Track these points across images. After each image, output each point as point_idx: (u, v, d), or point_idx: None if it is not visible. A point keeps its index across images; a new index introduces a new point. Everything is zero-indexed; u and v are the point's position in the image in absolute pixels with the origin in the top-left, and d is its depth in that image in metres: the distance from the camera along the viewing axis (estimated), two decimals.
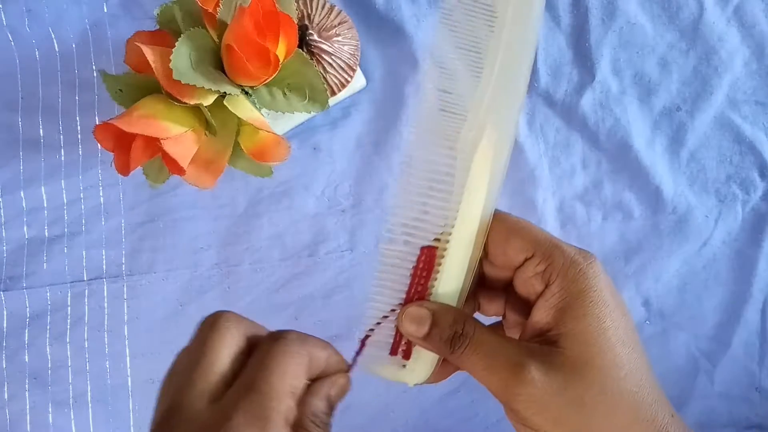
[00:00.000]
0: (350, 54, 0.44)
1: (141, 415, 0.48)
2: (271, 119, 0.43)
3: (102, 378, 0.48)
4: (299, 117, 0.46)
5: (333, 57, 0.43)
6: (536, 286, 0.26)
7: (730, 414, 0.50)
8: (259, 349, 0.23)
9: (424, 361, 0.28)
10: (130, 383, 0.48)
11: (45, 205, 0.48)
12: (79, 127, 0.48)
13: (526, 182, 0.50)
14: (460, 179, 0.27)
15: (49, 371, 0.48)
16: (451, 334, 0.25)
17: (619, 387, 0.23)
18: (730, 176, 0.50)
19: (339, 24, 0.43)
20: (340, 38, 0.43)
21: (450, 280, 0.27)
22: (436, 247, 0.27)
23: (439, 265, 0.27)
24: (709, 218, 0.50)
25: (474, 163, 0.26)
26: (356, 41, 0.45)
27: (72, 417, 0.48)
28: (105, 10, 0.49)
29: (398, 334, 0.28)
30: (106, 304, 0.48)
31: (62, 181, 0.48)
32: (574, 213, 0.50)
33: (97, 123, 0.48)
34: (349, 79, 0.45)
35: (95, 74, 0.48)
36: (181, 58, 0.35)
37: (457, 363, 0.26)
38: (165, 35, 0.38)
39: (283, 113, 0.40)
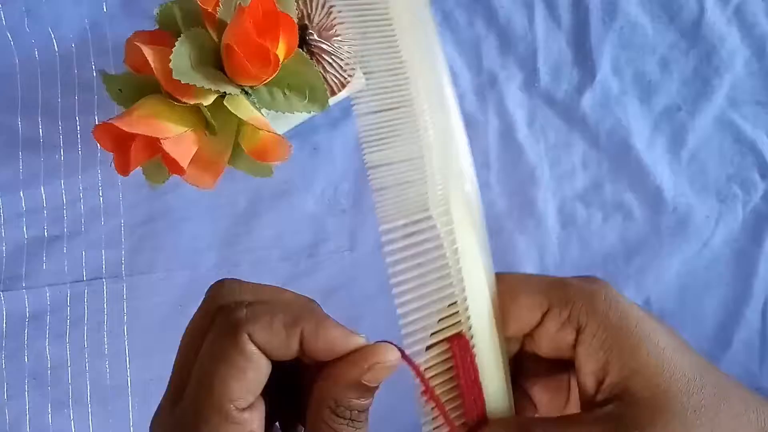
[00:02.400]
0: (350, 54, 0.44)
1: (141, 415, 0.48)
2: (271, 119, 0.43)
3: (102, 378, 0.48)
4: (299, 117, 0.46)
5: (333, 57, 0.43)
6: (567, 337, 0.21)
7: None
8: (203, 349, 0.21)
9: None
10: (129, 384, 0.48)
11: (44, 205, 0.48)
12: (78, 127, 0.48)
13: (526, 182, 0.50)
14: (449, 245, 0.23)
15: (49, 371, 0.48)
16: None
17: (708, 401, 0.20)
18: (730, 176, 0.50)
19: (339, 24, 0.43)
20: (340, 38, 0.43)
21: (492, 372, 0.23)
22: (461, 332, 0.23)
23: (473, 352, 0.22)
24: (710, 218, 0.50)
25: (455, 219, 0.23)
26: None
27: (71, 417, 0.48)
28: (104, 10, 0.49)
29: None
30: (105, 305, 0.48)
31: (62, 181, 0.48)
32: (575, 213, 0.50)
33: (97, 123, 0.48)
34: (349, 78, 0.45)
35: (95, 74, 0.48)
36: (181, 57, 0.35)
37: None
38: (165, 35, 0.38)
39: (283, 113, 0.40)
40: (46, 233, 0.48)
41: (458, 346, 0.22)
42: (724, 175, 0.50)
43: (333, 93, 0.44)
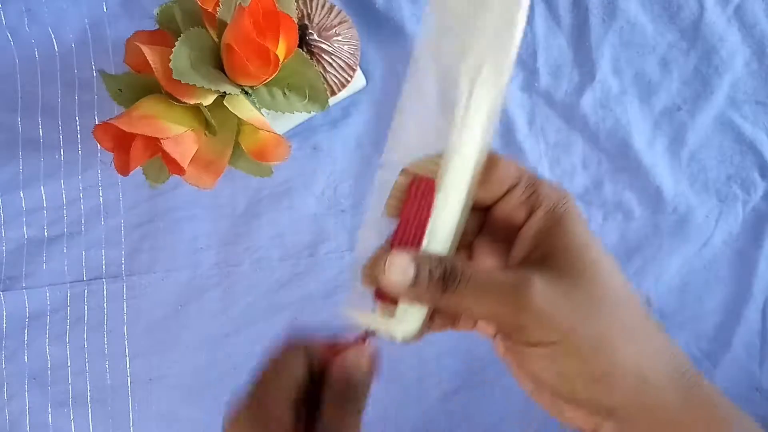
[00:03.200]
0: (350, 54, 0.44)
1: (140, 415, 0.48)
2: (270, 119, 0.43)
3: (101, 378, 0.48)
4: (299, 117, 0.46)
5: (333, 57, 0.43)
6: (520, 214, 0.25)
7: None
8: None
9: (413, 308, 0.25)
10: (129, 383, 0.48)
11: (44, 205, 0.48)
12: (78, 127, 0.48)
13: None
14: (461, 105, 0.25)
15: (49, 371, 0.48)
16: (441, 274, 0.23)
17: (623, 287, 0.23)
18: (730, 176, 0.50)
19: (339, 24, 0.43)
20: (339, 38, 0.43)
21: (445, 218, 0.25)
22: (433, 179, 0.25)
23: (433, 198, 0.24)
24: (710, 218, 0.50)
25: (476, 87, 0.24)
26: (356, 41, 0.45)
27: (71, 417, 0.48)
28: (105, 10, 0.49)
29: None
30: (105, 304, 0.48)
31: (62, 181, 0.48)
32: None
33: (97, 123, 0.48)
34: (348, 78, 0.45)
35: (95, 74, 0.48)
36: (181, 57, 0.35)
37: (451, 305, 0.24)
38: (165, 35, 0.38)
39: (283, 113, 0.40)
40: (46, 233, 0.48)
41: (419, 187, 0.25)
42: (724, 174, 0.50)
43: (333, 93, 0.45)
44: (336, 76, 0.44)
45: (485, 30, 0.25)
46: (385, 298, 0.25)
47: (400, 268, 0.23)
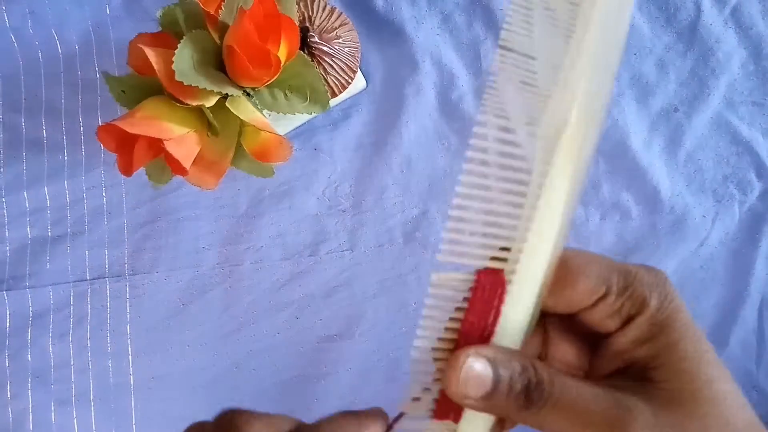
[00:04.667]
0: (350, 55, 0.45)
1: (143, 414, 0.48)
2: (272, 120, 0.43)
3: (104, 377, 0.48)
4: (300, 118, 0.47)
5: (333, 58, 0.43)
6: (611, 324, 0.21)
7: None
8: None
9: (479, 423, 0.21)
10: (132, 382, 0.48)
11: (48, 205, 0.48)
12: (82, 128, 0.49)
13: None
14: (537, 178, 0.20)
15: (52, 370, 0.48)
16: (524, 386, 0.19)
17: (734, 421, 0.19)
18: (727, 177, 0.51)
19: (339, 26, 0.44)
20: (340, 40, 0.44)
21: (516, 316, 0.21)
22: (502, 270, 0.20)
23: (503, 295, 0.20)
24: (707, 218, 0.50)
25: (556, 157, 0.20)
26: (356, 43, 0.45)
27: (74, 416, 0.48)
28: (107, 12, 0.49)
29: (444, 395, 0.21)
30: (108, 304, 0.49)
31: (65, 181, 0.49)
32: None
33: (100, 124, 0.48)
34: (349, 80, 0.45)
35: (98, 75, 0.49)
36: (184, 59, 0.35)
37: (532, 423, 0.20)
38: (167, 37, 0.39)
39: (285, 114, 0.41)
40: (49, 233, 0.48)
41: (488, 282, 0.20)
42: (720, 175, 0.51)
43: (334, 94, 0.45)
44: (337, 78, 0.44)
45: (572, 67, 0.19)
46: (447, 415, 0.21)
47: (474, 376, 0.19)
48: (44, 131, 0.49)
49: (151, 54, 0.35)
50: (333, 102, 0.46)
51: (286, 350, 0.50)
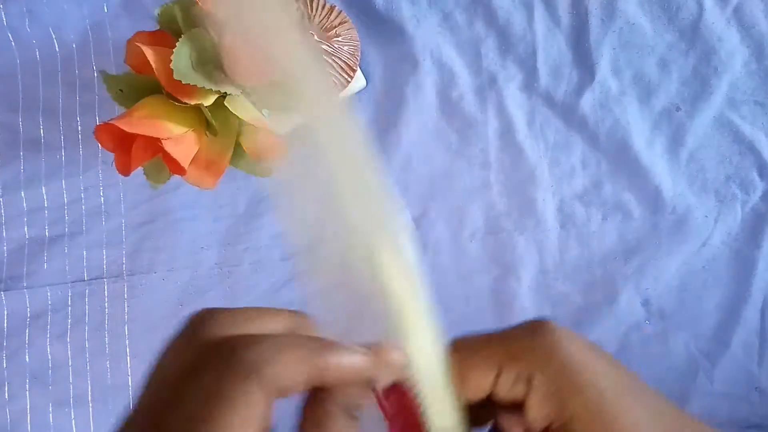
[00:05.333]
0: (350, 54, 0.44)
1: None
2: (271, 119, 0.43)
3: (102, 378, 0.48)
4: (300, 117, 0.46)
5: (333, 57, 0.43)
6: (518, 392, 0.22)
7: (729, 414, 0.50)
8: (204, 382, 0.18)
9: None
10: (130, 383, 0.48)
11: (45, 205, 0.48)
12: (79, 128, 0.49)
13: (526, 182, 0.50)
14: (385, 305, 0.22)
15: (50, 371, 0.48)
16: None
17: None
18: (729, 176, 0.50)
19: (339, 24, 0.44)
20: (340, 38, 0.43)
21: (442, 413, 0.22)
22: (400, 383, 0.22)
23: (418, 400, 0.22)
24: (709, 218, 0.50)
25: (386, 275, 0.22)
26: (356, 41, 0.45)
27: (72, 417, 0.48)
28: (105, 11, 0.49)
29: None
30: (106, 304, 0.48)
31: (63, 181, 0.48)
32: (574, 213, 0.50)
33: (98, 123, 0.48)
34: (349, 79, 0.45)
35: (96, 74, 0.48)
36: (182, 58, 0.35)
37: None
38: (165, 35, 0.39)
39: (284, 113, 0.40)
40: (47, 233, 0.48)
41: (395, 394, 0.22)
42: (722, 174, 0.51)
43: None
44: (336, 77, 0.44)
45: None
46: None
47: None
48: (42, 131, 0.48)
49: (149, 53, 0.35)
50: None
51: None
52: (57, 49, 0.48)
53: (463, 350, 0.22)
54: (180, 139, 0.37)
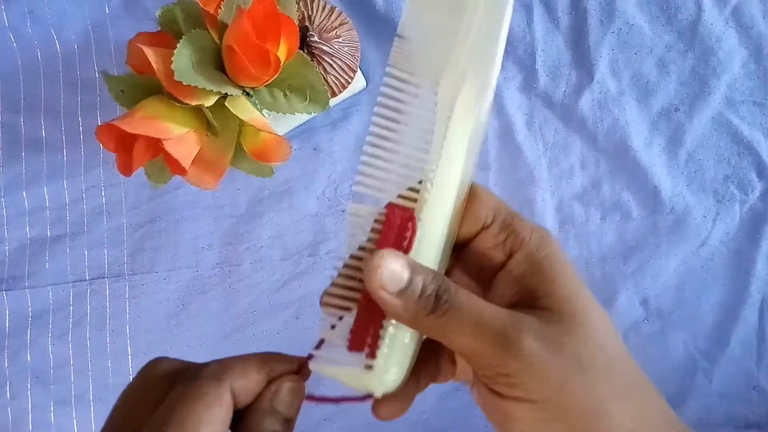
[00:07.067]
0: (350, 55, 0.44)
1: None
2: (272, 120, 0.43)
3: (104, 377, 0.48)
4: (300, 118, 0.47)
5: (333, 58, 0.43)
6: (497, 255, 0.23)
7: (727, 413, 0.50)
8: (168, 398, 0.20)
9: (394, 361, 0.22)
10: None
11: (47, 205, 0.48)
12: (81, 128, 0.49)
13: (525, 182, 0.50)
14: (441, 128, 0.23)
15: (51, 370, 0.48)
16: (434, 290, 0.21)
17: (616, 343, 0.22)
18: (727, 176, 0.51)
19: (339, 25, 0.44)
20: (340, 39, 0.44)
21: (428, 254, 0.23)
22: (413, 210, 0.23)
23: (414, 227, 0.22)
24: (707, 218, 0.50)
25: (456, 109, 0.23)
26: (356, 42, 0.45)
27: (74, 416, 0.48)
28: (107, 11, 0.49)
29: (360, 322, 0.22)
30: (108, 304, 0.48)
31: (64, 181, 0.48)
32: (573, 213, 0.50)
33: (99, 124, 0.48)
34: (349, 80, 0.45)
35: (97, 75, 0.49)
36: (183, 59, 0.35)
37: (435, 330, 0.21)
38: (166, 36, 0.39)
39: (284, 114, 0.40)
40: (48, 233, 0.48)
41: (397, 219, 0.23)
42: (721, 175, 0.51)
43: (333, 94, 0.45)
44: (336, 78, 0.44)
45: (466, 38, 0.23)
46: (362, 345, 0.22)
47: (392, 271, 0.21)
48: (43, 131, 0.49)
49: (150, 53, 0.35)
50: (333, 102, 0.46)
51: (286, 350, 0.50)
52: (58, 49, 0.49)
53: (477, 194, 0.24)
54: (181, 139, 0.37)
